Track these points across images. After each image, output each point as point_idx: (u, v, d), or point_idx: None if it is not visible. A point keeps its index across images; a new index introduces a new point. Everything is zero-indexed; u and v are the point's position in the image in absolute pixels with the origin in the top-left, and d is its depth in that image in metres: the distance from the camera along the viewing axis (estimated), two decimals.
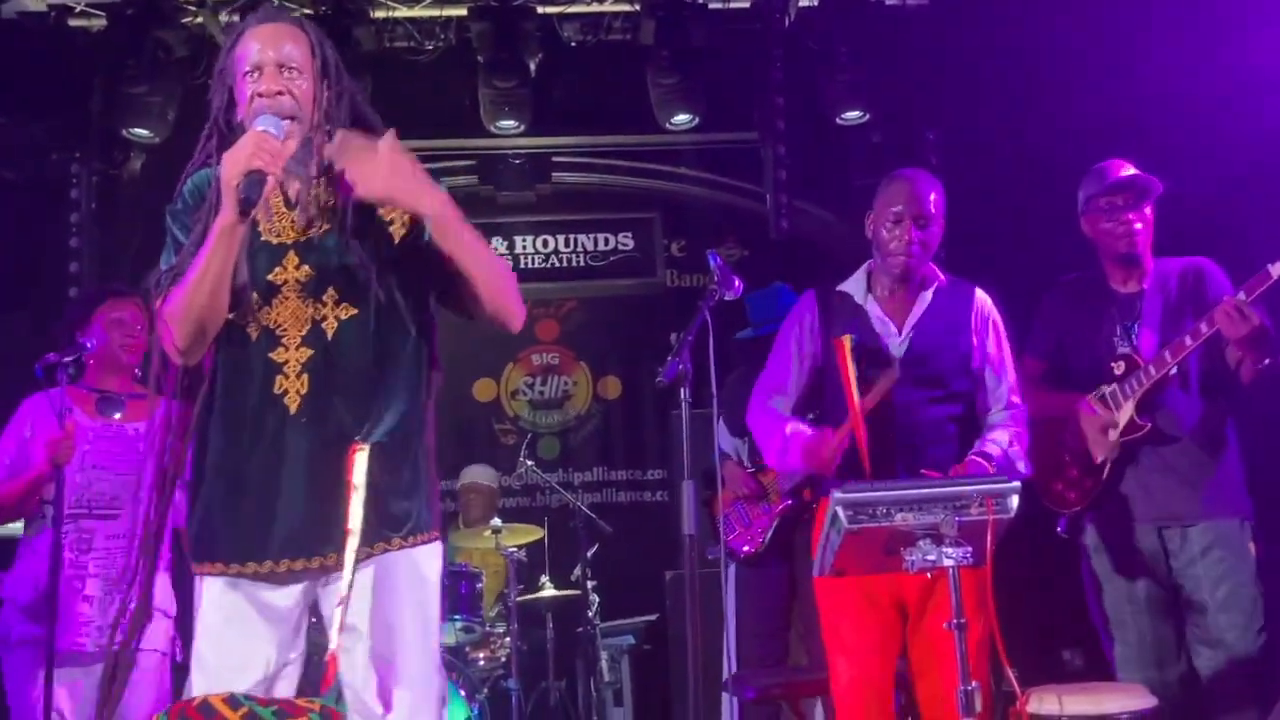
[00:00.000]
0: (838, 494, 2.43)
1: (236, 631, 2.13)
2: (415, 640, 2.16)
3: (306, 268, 2.18)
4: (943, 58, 5.71)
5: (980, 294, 3.10)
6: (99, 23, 5.66)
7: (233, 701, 1.94)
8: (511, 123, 5.83)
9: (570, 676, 5.49)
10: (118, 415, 3.50)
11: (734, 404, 4.26)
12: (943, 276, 3.08)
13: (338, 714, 2.01)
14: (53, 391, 3.37)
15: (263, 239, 2.21)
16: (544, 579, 5.34)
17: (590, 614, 5.37)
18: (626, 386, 6.75)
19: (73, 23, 5.65)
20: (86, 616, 3.36)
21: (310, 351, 2.15)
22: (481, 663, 4.96)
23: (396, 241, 2.25)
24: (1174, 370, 3.21)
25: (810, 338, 3.07)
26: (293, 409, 2.13)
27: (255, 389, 2.15)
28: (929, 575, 2.51)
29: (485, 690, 4.81)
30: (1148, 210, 3.38)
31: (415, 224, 2.24)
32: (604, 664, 5.40)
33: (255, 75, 2.17)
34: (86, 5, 5.60)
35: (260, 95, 2.14)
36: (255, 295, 2.16)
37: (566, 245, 6.74)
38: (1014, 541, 2.58)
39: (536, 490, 6.42)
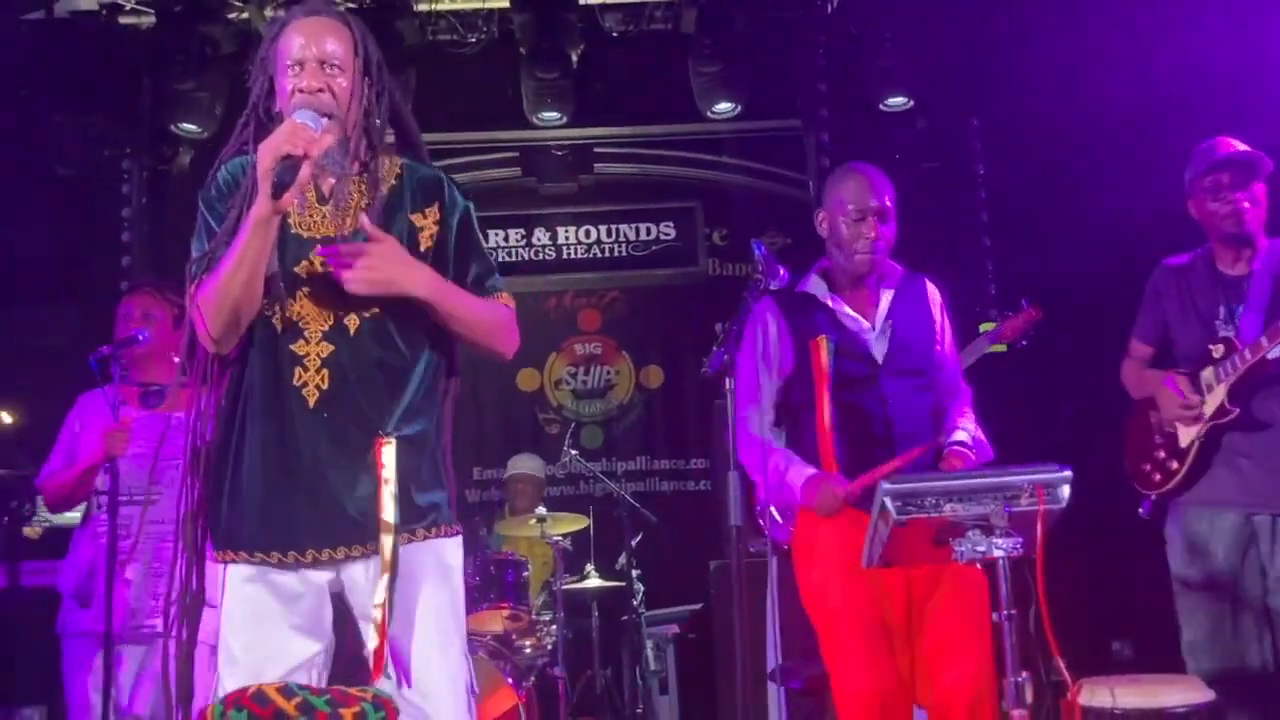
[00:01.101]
0: (886, 485, 2.41)
1: (262, 623, 2.15)
2: (439, 629, 2.18)
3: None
4: (987, 42, 5.65)
5: (930, 283, 3.08)
6: (148, 20, 5.74)
7: (287, 691, 1.97)
8: (554, 114, 5.84)
9: (616, 665, 5.51)
10: (161, 406, 3.55)
11: None
12: (898, 268, 3.05)
13: (389, 702, 2.03)
14: (107, 386, 3.43)
15: (292, 231, 2.21)
16: (589, 567, 5.36)
17: (635, 602, 5.38)
18: (669, 375, 6.75)
19: (123, 20, 5.73)
20: (124, 600, 3.42)
21: (331, 347, 2.17)
22: (528, 650, 4.98)
23: (423, 249, 2.25)
24: (1274, 354, 3.11)
25: (777, 345, 2.98)
26: (311, 402, 2.15)
27: (275, 380, 2.16)
28: (978, 564, 2.49)
29: (532, 678, 4.84)
30: (1257, 188, 3.26)
31: (444, 233, 2.27)
32: (649, 652, 5.41)
33: (297, 70, 2.17)
34: (136, 3, 5.68)
35: (301, 91, 2.14)
36: (281, 286, 2.16)
37: (609, 235, 6.74)
38: (1062, 532, 2.56)
39: (580, 479, 6.44)
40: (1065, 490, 2.45)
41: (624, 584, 5.36)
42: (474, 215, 2.34)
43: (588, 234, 6.74)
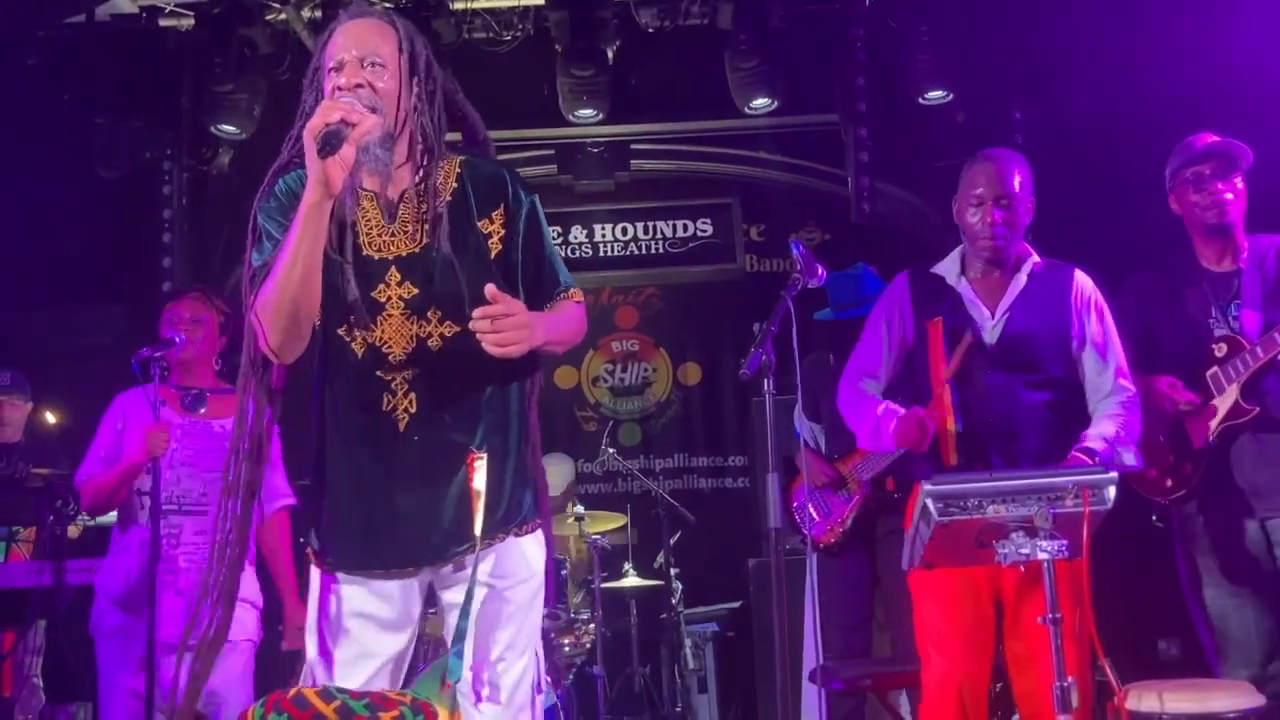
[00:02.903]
0: (927, 486, 2.38)
1: (356, 625, 2.18)
2: (517, 630, 2.20)
3: (409, 284, 2.17)
4: (1027, 34, 5.57)
5: (1080, 275, 3.03)
6: (187, 22, 5.78)
7: (326, 694, 1.97)
8: (590, 111, 5.83)
9: (655, 663, 5.51)
10: (202, 410, 3.58)
11: (810, 388, 4.22)
12: (1039, 258, 3.01)
13: (428, 706, 2.03)
14: (147, 386, 3.46)
15: (364, 254, 2.18)
16: (627, 566, 5.36)
17: (673, 601, 5.37)
18: (706, 372, 6.73)
19: (162, 23, 5.78)
20: (178, 609, 3.43)
21: (417, 369, 2.16)
22: (567, 649, 4.98)
23: (492, 256, 2.23)
24: None
25: (901, 320, 3.03)
26: (402, 426, 2.15)
27: (365, 406, 2.17)
28: (1022, 568, 2.45)
29: (570, 676, 4.84)
30: (1238, 181, 3.24)
31: (511, 237, 2.25)
32: (688, 651, 5.40)
33: (337, 70, 2.15)
34: (175, 6, 5.73)
35: (340, 89, 2.12)
36: (360, 312, 2.15)
37: (645, 232, 6.73)
38: (1107, 531, 2.51)
39: (618, 477, 6.44)
40: (1111, 491, 2.41)
41: (662, 582, 5.35)
42: (540, 210, 2.31)
43: (624, 231, 6.73)
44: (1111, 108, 5.19)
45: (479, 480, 2.12)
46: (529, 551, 2.25)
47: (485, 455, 2.14)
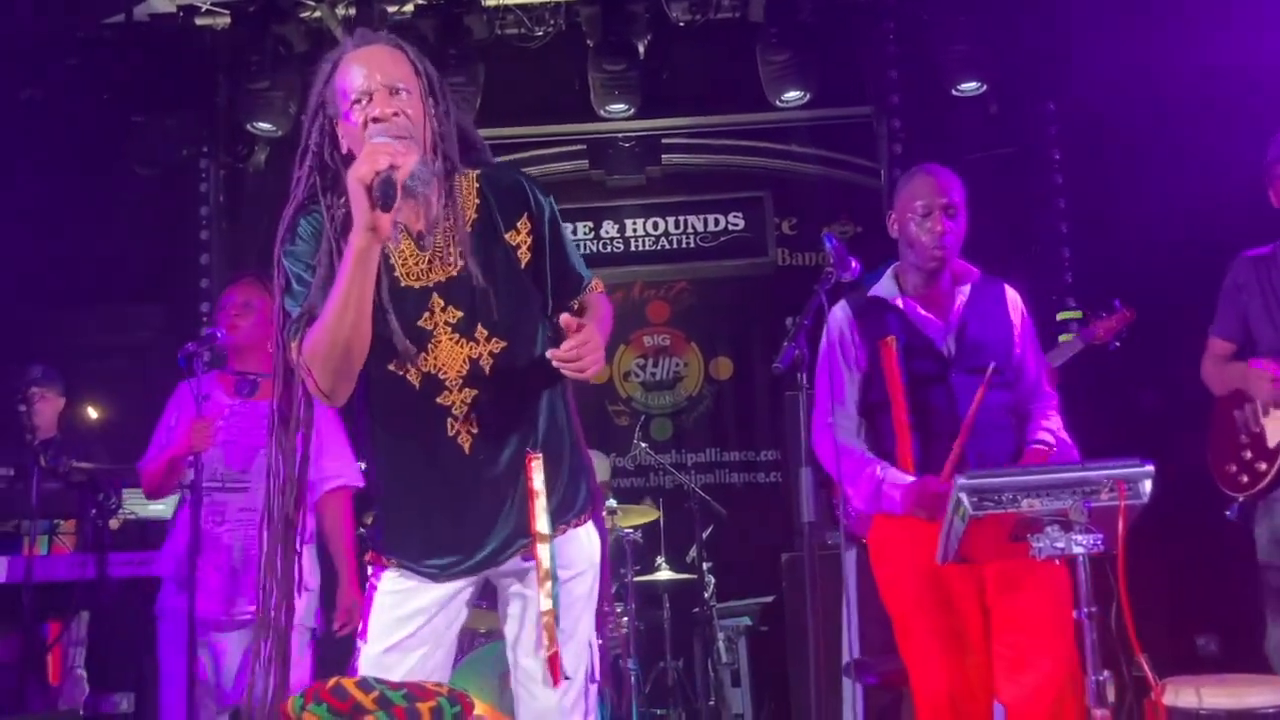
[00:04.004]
0: (962, 480, 2.38)
1: (408, 619, 2.22)
2: (575, 620, 2.25)
3: (453, 309, 2.19)
4: (1061, 23, 5.52)
5: (1009, 288, 3.03)
6: (223, 21, 5.85)
7: (364, 685, 1.99)
8: (621, 106, 5.84)
9: (688, 657, 5.51)
10: (254, 396, 3.64)
11: None
12: (976, 271, 3.01)
13: (465, 696, 2.05)
14: (191, 380, 3.52)
15: (403, 285, 2.19)
16: (660, 560, 5.37)
17: (706, 595, 5.38)
18: (738, 367, 6.72)
19: (199, 22, 5.85)
20: (218, 585, 3.51)
21: (474, 391, 2.19)
22: (600, 642, 5.01)
23: (522, 265, 2.25)
24: None
25: (854, 347, 2.97)
26: (467, 449, 2.19)
27: (428, 435, 2.20)
28: (1055, 560, 2.44)
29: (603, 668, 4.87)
30: None
31: (538, 243, 2.27)
32: (721, 645, 5.40)
33: (364, 101, 2.11)
34: (211, 4, 5.79)
35: (375, 120, 2.09)
36: (409, 343, 2.17)
37: (677, 227, 6.72)
38: (1144, 526, 2.50)
39: (650, 471, 6.44)
40: (1147, 485, 2.39)
41: (695, 576, 5.36)
42: (556, 210, 2.33)
43: (655, 226, 6.72)
44: (1145, 99, 5.15)
45: (538, 480, 2.18)
46: (585, 542, 2.30)
47: (541, 455, 2.19)
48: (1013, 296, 3.03)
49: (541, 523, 2.17)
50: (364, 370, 2.18)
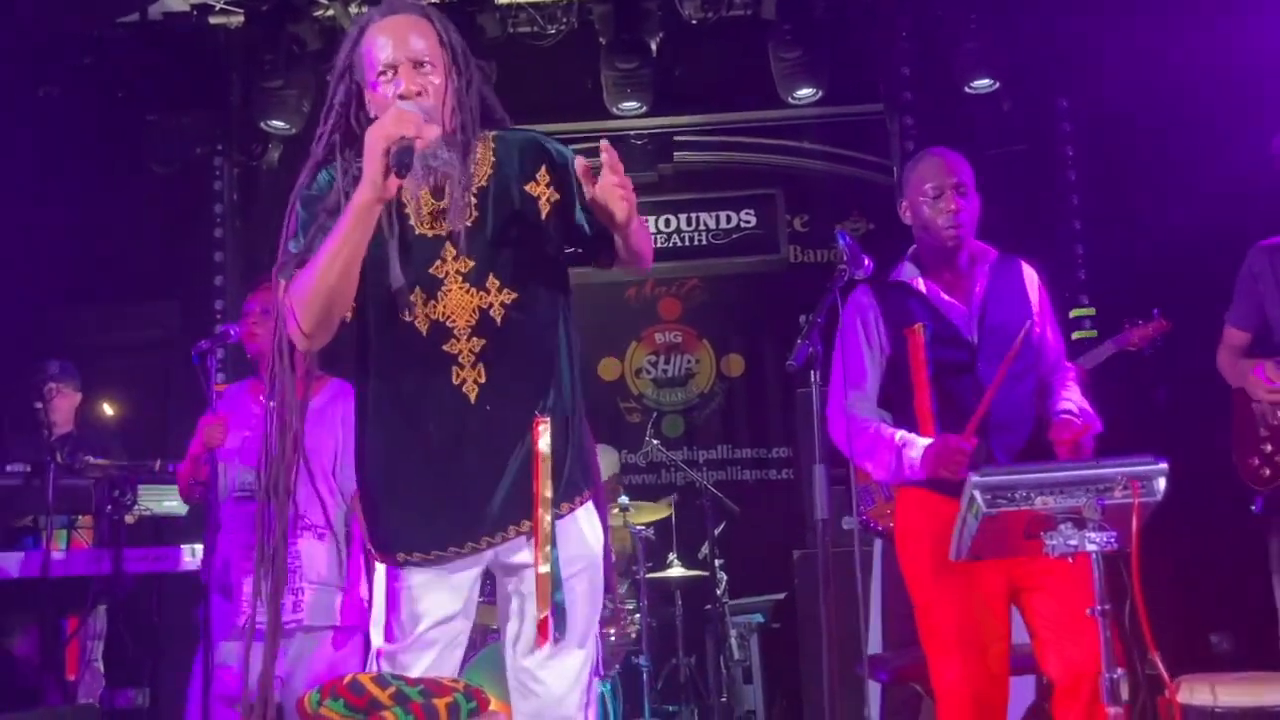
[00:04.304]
0: (975, 478, 2.37)
1: (419, 615, 2.20)
2: (578, 617, 2.23)
3: (465, 258, 2.18)
4: (1073, 20, 5.51)
5: (1026, 265, 3.02)
6: (237, 20, 5.87)
7: (381, 680, 2.01)
8: (634, 104, 5.85)
9: (700, 653, 5.52)
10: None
11: None
12: (993, 251, 2.99)
13: (480, 692, 2.06)
14: (208, 378, 3.54)
15: (417, 233, 2.19)
16: (672, 556, 5.38)
17: (718, 592, 5.39)
18: (750, 364, 6.73)
19: (213, 21, 5.87)
20: (247, 592, 3.50)
21: (483, 340, 2.17)
22: (613, 639, 5.02)
23: (543, 217, 2.24)
24: None
25: (877, 330, 2.95)
26: (473, 398, 2.17)
27: (433, 383, 2.18)
28: (1070, 559, 2.43)
29: (616, 666, 4.87)
30: None
31: (565, 196, 2.25)
32: (733, 642, 5.41)
33: (389, 74, 2.13)
34: (225, 3, 5.81)
35: (400, 97, 2.11)
36: (419, 289, 2.17)
37: (689, 224, 6.73)
38: (1158, 523, 2.49)
39: (662, 468, 6.45)
40: (1161, 483, 2.38)
41: (707, 573, 5.36)
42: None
43: (668, 223, 6.73)
44: (1158, 95, 5.13)
45: (544, 443, 2.16)
46: (585, 530, 2.27)
47: (549, 419, 2.17)
48: (1030, 273, 3.00)
49: (546, 487, 2.14)
50: (365, 324, 2.19)
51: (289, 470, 2.19)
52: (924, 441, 2.80)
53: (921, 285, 2.94)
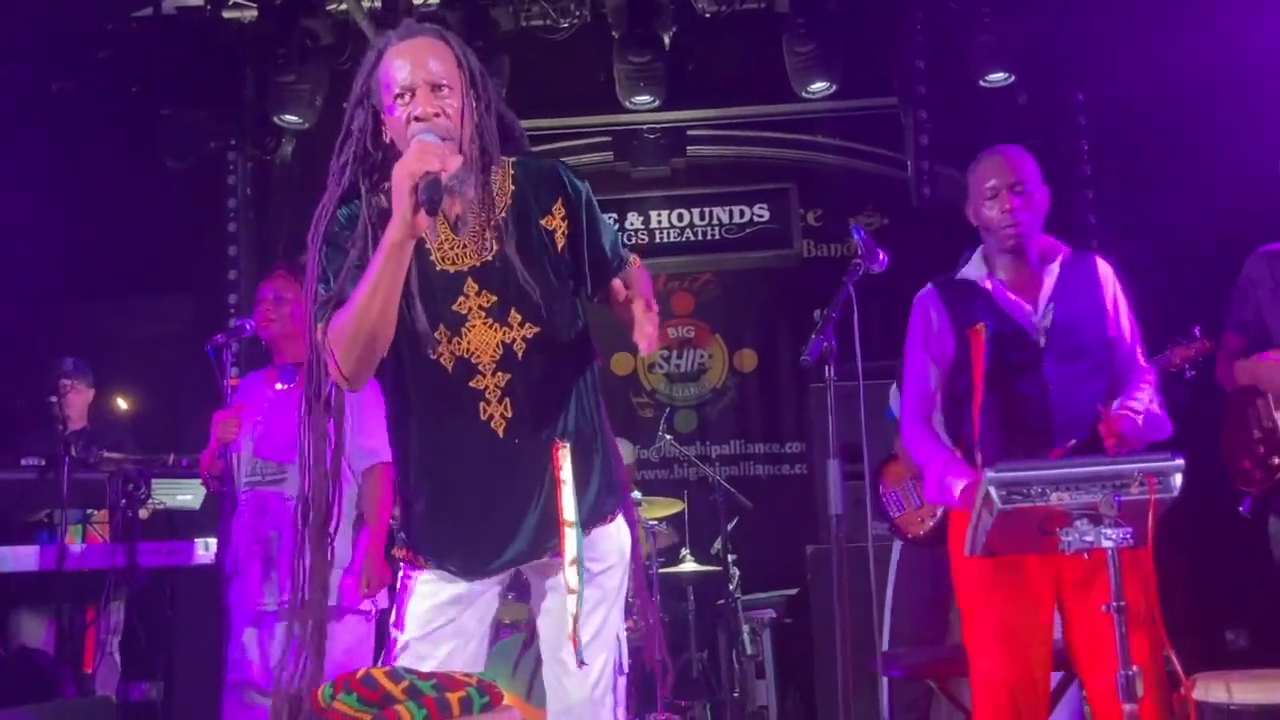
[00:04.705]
0: (990, 473, 2.37)
1: (440, 613, 2.23)
2: (605, 613, 2.27)
3: (488, 293, 2.20)
4: (1089, 13, 5.48)
5: (1101, 261, 2.98)
6: (250, 14, 5.88)
7: (394, 675, 2.01)
8: (647, 98, 5.83)
9: (712, 648, 5.51)
10: (295, 384, 3.66)
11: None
12: (1065, 248, 2.95)
13: (494, 686, 2.06)
14: (221, 376, 3.56)
15: (438, 269, 2.20)
16: (684, 551, 5.37)
17: (731, 587, 5.38)
18: (763, 359, 6.71)
19: (226, 15, 5.88)
20: (261, 576, 3.55)
21: (508, 375, 2.19)
22: (626, 633, 5.02)
23: (559, 249, 2.26)
24: None
25: (940, 334, 2.93)
26: (500, 433, 2.19)
27: (462, 418, 2.20)
28: (1086, 555, 2.42)
29: (629, 661, 4.87)
30: None
31: (574, 229, 2.27)
32: (745, 637, 5.40)
33: (406, 98, 2.12)
34: None
35: (417, 119, 2.10)
36: (443, 326, 2.18)
37: (702, 218, 6.71)
38: (1173, 520, 2.48)
39: (674, 463, 6.45)
40: (1177, 479, 2.37)
41: (719, 568, 5.36)
42: (592, 196, 2.32)
43: (680, 217, 6.72)
44: (1173, 88, 5.10)
45: (565, 469, 2.19)
46: (615, 534, 2.32)
47: (569, 445, 2.20)
48: (1104, 270, 2.95)
49: (569, 510, 2.17)
50: (398, 358, 2.20)
51: (323, 526, 2.18)
52: (961, 481, 2.78)
53: (988, 284, 2.91)
